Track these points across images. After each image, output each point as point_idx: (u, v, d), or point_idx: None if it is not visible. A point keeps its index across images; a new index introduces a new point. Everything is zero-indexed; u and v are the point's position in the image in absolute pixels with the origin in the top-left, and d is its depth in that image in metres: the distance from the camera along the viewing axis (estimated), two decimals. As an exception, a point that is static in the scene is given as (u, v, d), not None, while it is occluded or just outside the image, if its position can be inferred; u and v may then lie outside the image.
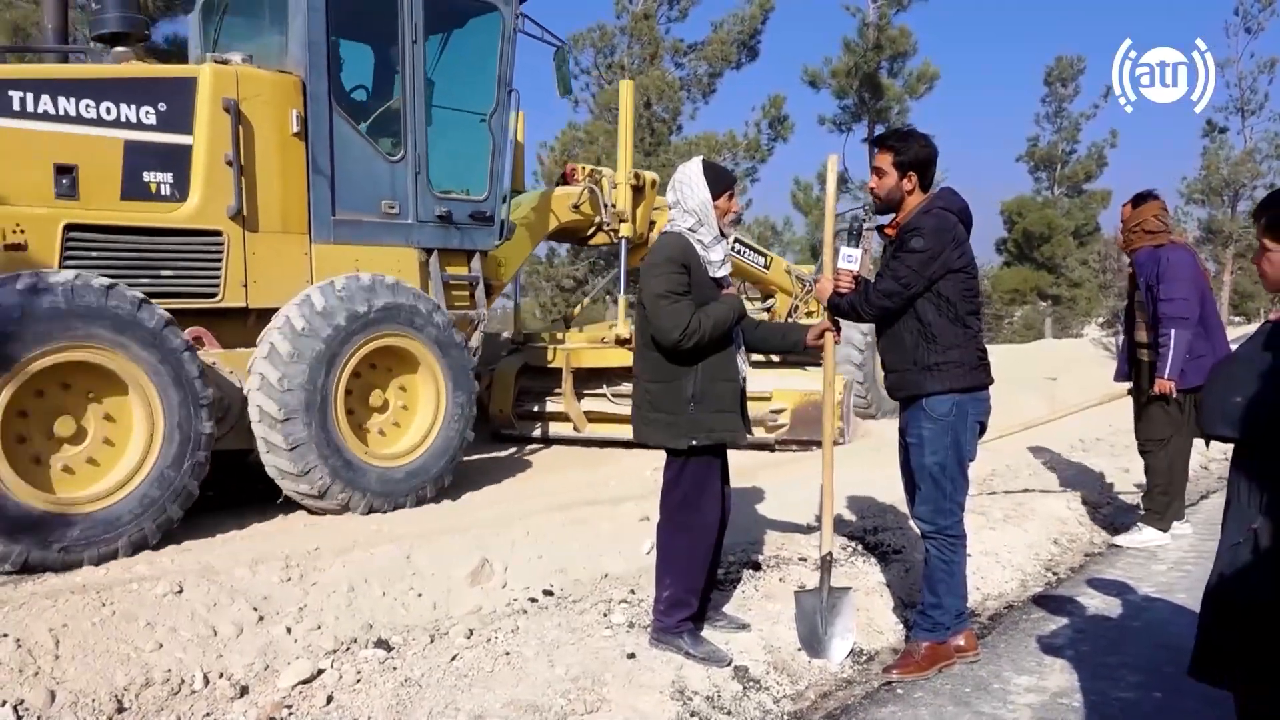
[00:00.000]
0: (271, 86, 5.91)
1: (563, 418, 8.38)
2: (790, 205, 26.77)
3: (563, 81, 7.77)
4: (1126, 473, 7.76)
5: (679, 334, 3.55)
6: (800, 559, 5.06)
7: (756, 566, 4.90)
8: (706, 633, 3.89)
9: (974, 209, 3.85)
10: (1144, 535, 5.69)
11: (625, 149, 8.42)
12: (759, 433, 7.70)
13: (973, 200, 3.86)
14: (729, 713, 3.43)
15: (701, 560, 3.83)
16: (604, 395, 8.24)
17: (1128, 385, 5.98)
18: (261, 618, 3.87)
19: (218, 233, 5.70)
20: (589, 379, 8.36)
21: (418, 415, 6.22)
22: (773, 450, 8.05)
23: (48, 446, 4.76)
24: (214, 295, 5.74)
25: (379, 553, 4.55)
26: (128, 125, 5.43)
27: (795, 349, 4.33)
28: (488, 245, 7.13)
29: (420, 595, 4.30)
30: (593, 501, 5.82)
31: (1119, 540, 5.78)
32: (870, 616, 4.37)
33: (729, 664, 3.72)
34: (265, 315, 5.80)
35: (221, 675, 3.50)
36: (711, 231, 3.72)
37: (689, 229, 3.71)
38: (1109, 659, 3.88)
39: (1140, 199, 5.72)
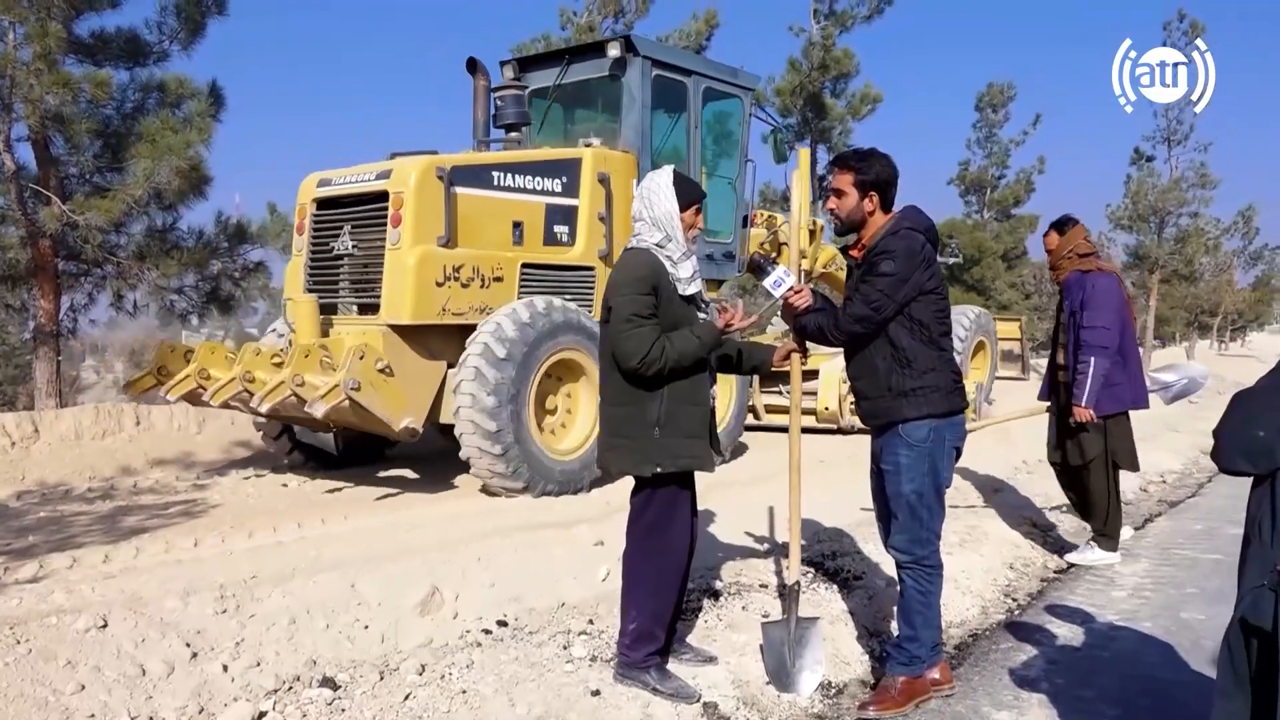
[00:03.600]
0: (622, 162, 8.01)
1: (749, 410, 9.98)
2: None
3: (777, 151, 9.92)
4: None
5: (637, 361, 3.37)
6: (761, 585, 4.91)
7: (717, 594, 4.74)
8: (672, 666, 3.72)
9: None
10: (1095, 554, 5.70)
11: (804, 203, 8.91)
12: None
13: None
14: (702, 755, 3.26)
15: (669, 592, 3.65)
16: (778, 392, 10.26)
17: (1048, 404, 6.01)
18: (195, 654, 3.58)
19: (592, 268, 7.77)
20: (766, 379, 10.20)
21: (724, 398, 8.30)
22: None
23: (542, 416, 7.06)
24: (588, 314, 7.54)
25: (321, 581, 4.27)
26: (547, 193, 7.54)
27: (760, 371, 4.19)
28: (730, 276, 9.46)
29: (367, 627, 4.04)
30: (545, 524, 5.61)
31: (1071, 557, 5.78)
32: (836, 647, 4.24)
33: (698, 700, 3.55)
34: None
35: (151, 719, 3.21)
36: (679, 246, 3.56)
37: (656, 244, 3.54)
38: (1084, 692, 3.80)
39: (1064, 225, 5.73)
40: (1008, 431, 9.82)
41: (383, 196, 6.96)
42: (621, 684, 3.57)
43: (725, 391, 8.26)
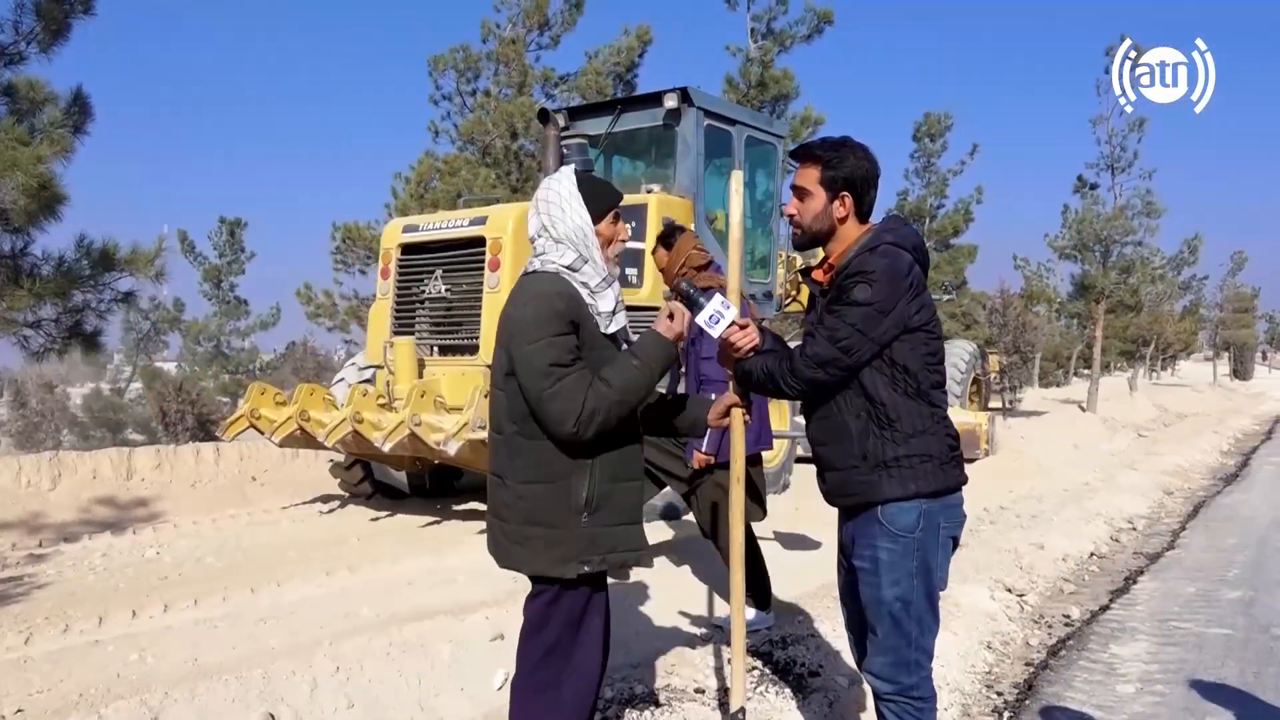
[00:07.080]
0: (680, 207, 8.31)
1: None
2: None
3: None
4: (1042, 549, 7.05)
5: (572, 425, 2.43)
6: (698, 689, 3.95)
7: (646, 702, 3.76)
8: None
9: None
10: (753, 618, 4.73)
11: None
12: None
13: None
14: None
15: (571, 730, 2.68)
16: None
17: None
18: None
19: (657, 307, 7.57)
20: None
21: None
22: None
23: None
24: None
25: (110, 712, 3.20)
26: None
27: (693, 431, 3.22)
28: (770, 314, 9.80)
29: (163, 784, 2.99)
30: (433, 610, 4.58)
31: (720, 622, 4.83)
32: (793, 782, 3.30)
33: None
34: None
35: None
36: (598, 271, 2.61)
37: (569, 266, 2.59)
38: None
39: (670, 237, 4.83)
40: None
41: (477, 242, 7.29)
42: None
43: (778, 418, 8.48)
